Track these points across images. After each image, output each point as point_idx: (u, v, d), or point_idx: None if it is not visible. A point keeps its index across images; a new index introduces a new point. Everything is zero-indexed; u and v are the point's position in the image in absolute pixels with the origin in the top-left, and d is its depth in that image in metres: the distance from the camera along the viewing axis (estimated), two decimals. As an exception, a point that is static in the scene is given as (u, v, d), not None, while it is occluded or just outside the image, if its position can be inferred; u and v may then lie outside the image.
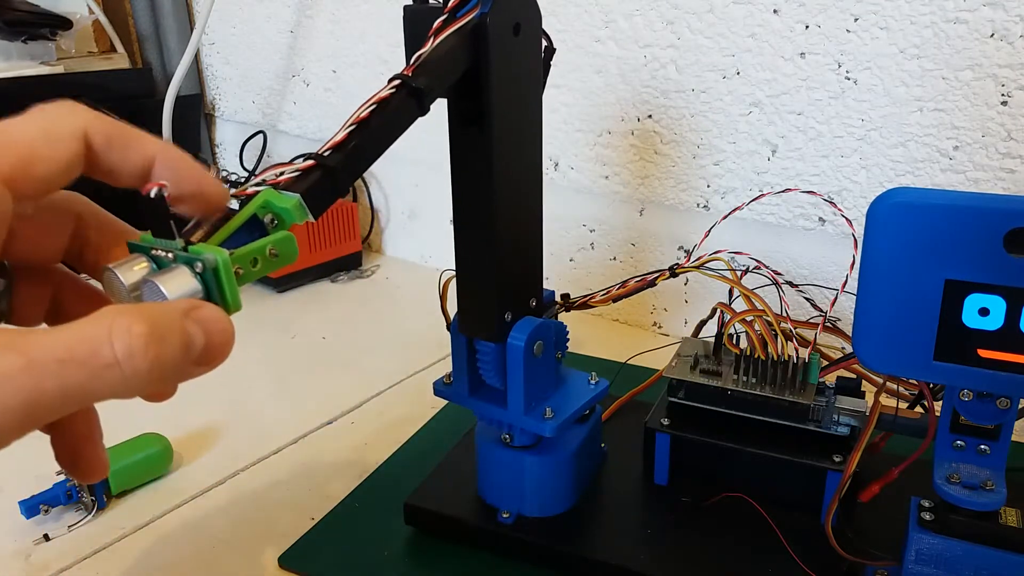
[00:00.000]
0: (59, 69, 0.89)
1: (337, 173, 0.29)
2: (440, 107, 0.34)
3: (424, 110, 0.32)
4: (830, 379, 0.44)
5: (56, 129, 0.25)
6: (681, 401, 0.45)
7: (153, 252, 0.26)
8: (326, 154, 0.29)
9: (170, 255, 0.26)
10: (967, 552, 0.34)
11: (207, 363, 0.24)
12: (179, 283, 0.25)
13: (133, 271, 0.26)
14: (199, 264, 0.25)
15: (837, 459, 0.41)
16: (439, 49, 0.32)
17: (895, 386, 0.40)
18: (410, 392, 0.62)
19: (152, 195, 0.26)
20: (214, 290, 0.26)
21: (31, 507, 0.46)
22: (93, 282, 0.29)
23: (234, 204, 0.28)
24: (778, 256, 0.65)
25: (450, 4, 0.33)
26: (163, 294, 0.25)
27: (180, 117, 0.91)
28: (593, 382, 0.43)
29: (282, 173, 0.29)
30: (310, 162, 0.29)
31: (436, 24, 0.33)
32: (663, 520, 0.43)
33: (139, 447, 0.50)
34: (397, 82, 0.31)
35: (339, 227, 0.86)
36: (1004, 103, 0.52)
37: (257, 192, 0.28)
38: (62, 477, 0.47)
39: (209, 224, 0.27)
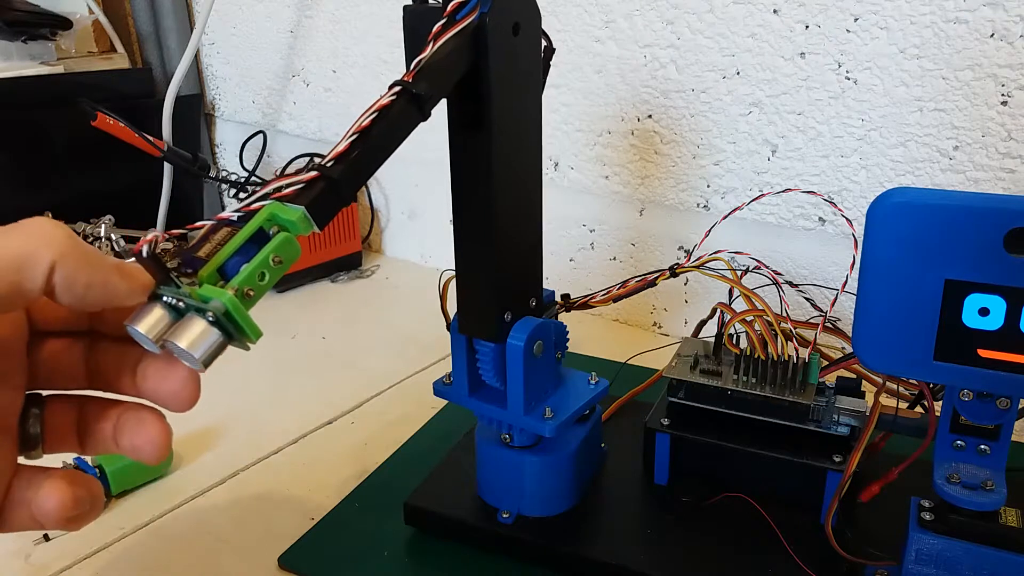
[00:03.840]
0: (59, 69, 0.89)
1: (340, 184, 0.29)
2: (440, 107, 0.34)
3: (425, 115, 0.32)
4: (830, 379, 0.44)
5: (30, 260, 0.25)
6: (681, 401, 0.45)
7: (165, 299, 0.27)
8: (329, 165, 0.30)
9: (181, 303, 0.27)
10: (967, 552, 0.34)
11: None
12: (198, 336, 0.26)
13: (153, 324, 0.27)
14: (210, 314, 0.26)
15: (837, 459, 0.41)
16: (439, 53, 0.32)
17: (895, 386, 0.40)
18: (410, 392, 0.62)
19: (144, 254, 0.27)
20: (233, 331, 0.27)
21: (31, 507, 0.46)
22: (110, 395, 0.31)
23: (235, 216, 0.28)
24: (778, 256, 0.65)
25: (450, 7, 0.33)
26: (188, 353, 0.26)
27: (180, 117, 0.90)
28: (593, 382, 0.43)
29: (286, 186, 0.29)
30: (313, 173, 0.29)
31: (436, 28, 0.33)
32: (663, 520, 0.43)
33: (139, 447, 0.49)
34: (398, 88, 0.31)
35: (339, 227, 0.86)
36: (1004, 103, 0.52)
37: (262, 206, 0.28)
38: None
39: (216, 240, 0.28)
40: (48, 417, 0.30)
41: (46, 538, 0.45)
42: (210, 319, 0.26)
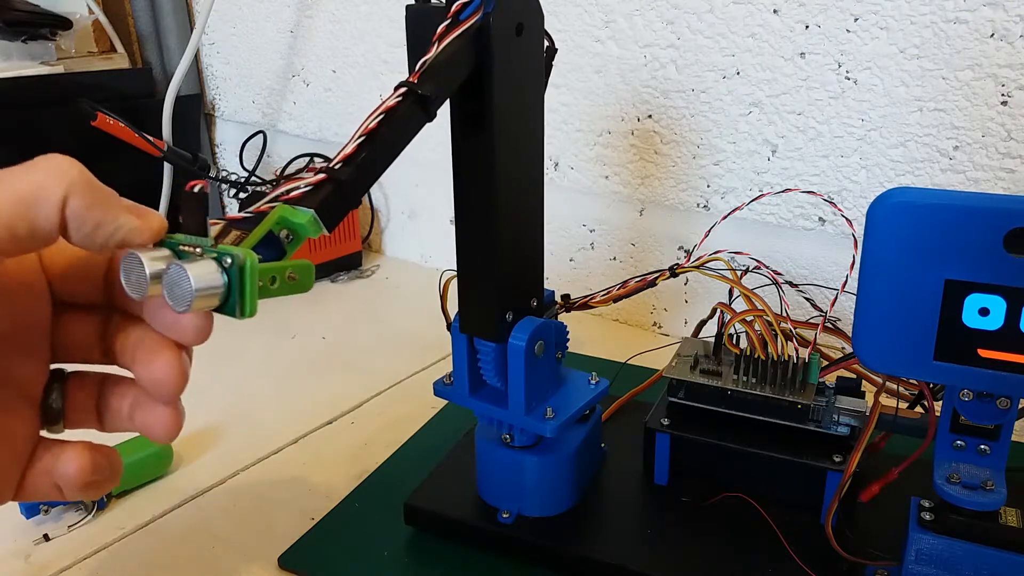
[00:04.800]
0: (59, 69, 0.89)
1: (349, 186, 0.30)
2: (442, 107, 0.34)
3: (431, 116, 0.32)
4: (830, 379, 0.44)
5: (42, 195, 0.25)
6: (681, 401, 0.45)
7: (180, 248, 0.27)
8: (337, 167, 0.30)
9: (198, 250, 0.26)
10: (967, 552, 0.34)
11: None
12: (205, 271, 0.25)
13: (157, 259, 0.26)
14: (227, 259, 0.25)
15: (837, 459, 0.41)
16: (443, 54, 0.32)
17: (895, 386, 0.40)
18: (410, 392, 0.62)
19: (196, 191, 0.27)
20: (235, 288, 0.26)
21: (31, 507, 0.46)
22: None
23: (244, 218, 0.28)
24: (778, 256, 0.65)
25: (454, 7, 0.33)
26: (188, 278, 0.25)
27: (180, 117, 0.90)
28: (593, 382, 0.43)
29: (295, 188, 0.29)
30: (322, 176, 0.29)
31: (440, 29, 0.33)
32: (663, 520, 0.43)
33: (139, 447, 0.49)
34: (403, 90, 0.31)
35: (339, 227, 0.86)
36: (1004, 103, 0.52)
37: (272, 208, 0.28)
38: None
39: (228, 240, 0.27)
40: (70, 392, 0.31)
41: (46, 538, 0.45)
42: (226, 264, 0.25)
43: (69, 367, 0.31)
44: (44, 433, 0.30)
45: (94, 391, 0.31)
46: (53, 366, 0.30)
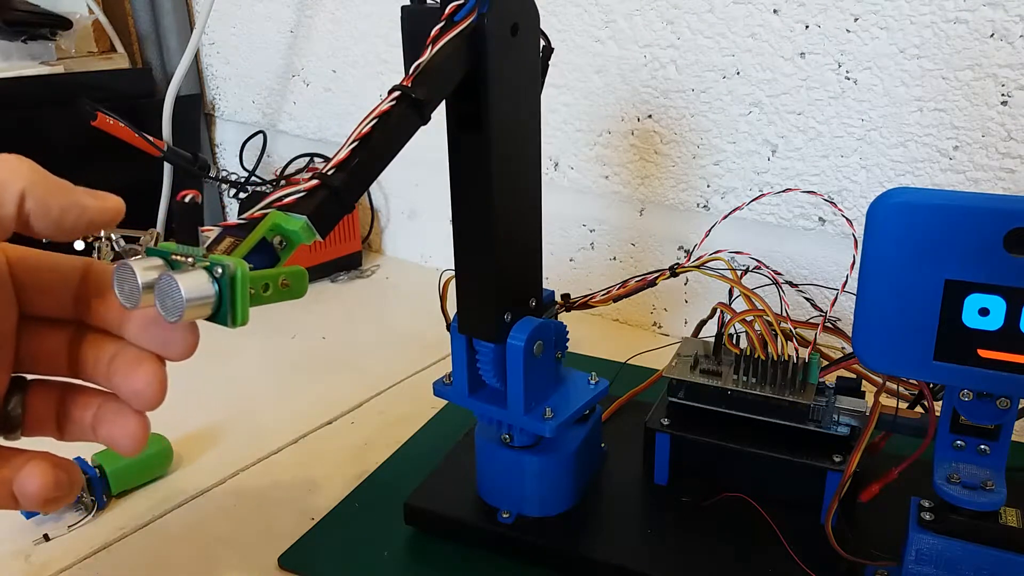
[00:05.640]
0: (59, 69, 0.89)
1: (342, 192, 0.30)
2: (439, 107, 0.34)
3: (425, 120, 0.32)
4: (830, 379, 0.44)
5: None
6: (681, 401, 0.45)
7: (172, 257, 0.27)
8: (330, 173, 0.30)
9: (190, 260, 0.26)
10: (967, 552, 0.34)
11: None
12: (196, 282, 0.25)
13: (150, 269, 0.26)
14: (219, 269, 0.25)
15: (837, 459, 0.41)
16: (438, 56, 0.32)
17: (895, 386, 0.40)
18: (410, 392, 0.62)
19: (187, 200, 0.27)
20: (227, 298, 0.26)
21: (31, 507, 0.46)
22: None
23: (238, 225, 0.28)
24: (778, 256, 0.65)
25: (448, 9, 0.33)
26: (179, 289, 0.25)
27: (180, 117, 0.91)
28: (593, 382, 0.43)
29: (289, 195, 0.29)
30: (315, 182, 0.29)
31: (434, 32, 0.33)
32: (663, 520, 0.43)
33: (139, 447, 0.49)
34: (397, 94, 0.31)
35: (339, 227, 0.86)
36: (1004, 103, 0.52)
37: (265, 215, 0.28)
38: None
39: (220, 250, 0.27)
40: (30, 401, 0.31)
41: (46, 538, 0.45)
42: (217, 274, 0.25)
43: (30, 376, 0.31)
44: (1, 441, 0.30)
45: (55, 401, 0.31)
46: (14, 374, 0.30)
